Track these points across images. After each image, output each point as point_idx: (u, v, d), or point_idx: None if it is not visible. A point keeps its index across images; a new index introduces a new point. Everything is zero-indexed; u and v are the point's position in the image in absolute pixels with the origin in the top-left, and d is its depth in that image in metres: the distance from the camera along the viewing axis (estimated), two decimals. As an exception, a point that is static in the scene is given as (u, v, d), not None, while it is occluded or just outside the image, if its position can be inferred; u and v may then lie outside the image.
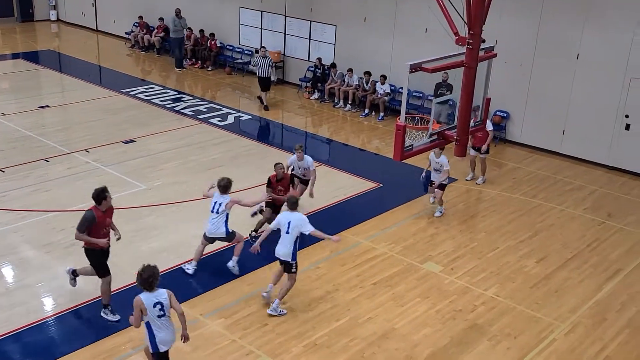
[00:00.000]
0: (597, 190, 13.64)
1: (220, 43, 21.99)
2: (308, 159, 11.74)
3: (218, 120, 16.87)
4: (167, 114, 17.21)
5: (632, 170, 14.39)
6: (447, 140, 9.10)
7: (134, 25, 24.53)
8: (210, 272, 9.97)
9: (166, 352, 7.12)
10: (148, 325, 6.92)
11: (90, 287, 9.32)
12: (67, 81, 20.30)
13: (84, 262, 9.95)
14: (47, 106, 17.34)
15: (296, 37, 19.98)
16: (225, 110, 17.76)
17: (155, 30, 23.76)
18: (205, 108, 17.88)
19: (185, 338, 7.27)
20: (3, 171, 12.88)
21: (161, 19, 23.58)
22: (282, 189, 11.04)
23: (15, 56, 22.91)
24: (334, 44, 19.04)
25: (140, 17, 24.02)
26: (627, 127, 14.29)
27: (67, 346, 8.17)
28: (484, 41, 8.61)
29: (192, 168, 13.78)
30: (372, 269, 10.22)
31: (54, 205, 11.64)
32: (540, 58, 15.16)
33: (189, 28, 21.97)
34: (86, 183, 12.55)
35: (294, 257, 8.96)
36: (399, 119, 8.73)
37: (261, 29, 20.85)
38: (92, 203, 8.50)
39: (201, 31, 22.08)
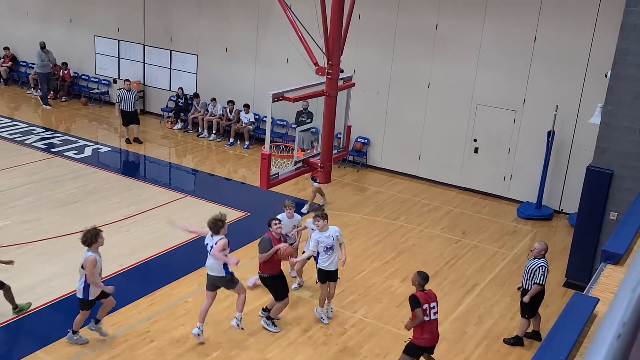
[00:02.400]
0: (452, 210, 14.49)
1: (75, 73, 21.04)
2: (297, 216, 10.51)
3: (74, 153, 16.05)
4: (16, 148, 16.11)
5: (481, 190, 15.46)
6: (311, 168, 9.28)
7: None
8: (69, 314, 9.37)
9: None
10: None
11: None
12: None
13: None
14: None
15: (156, 67, 19.58)
16: (82, 143, 16.95)
17: (2, 59, 22.27)
18: (59, 140, 16.96)
19: None
20: None
21: (6, 48, 22.16)
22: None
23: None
24: (196, 73, 18.88)
25: (7, 49, 22.42)
26: (476, 150, 15.36)
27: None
28: (342, 71, 8.93)
29: (47, 204, 12.97)
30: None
31: None
32: (395, 87, 15.97)
33: (65, 63, 20.64)
34: None
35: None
36: (263, 147, 8.80)
37: (119, 58, 20.23)
38: None
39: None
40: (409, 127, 16.01)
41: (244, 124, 17.72)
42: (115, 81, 20.35)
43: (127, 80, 17.98)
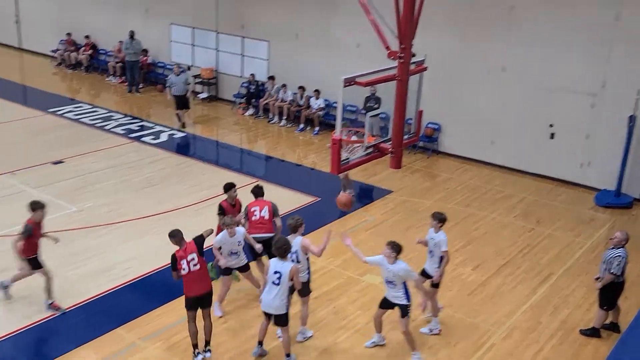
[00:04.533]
0: (526, 197, 14.10)
1: (152, 60, 21.64)
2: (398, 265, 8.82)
3: (151, 139, 16.56)
4: (97, 134, 16.76)
5: (557, 177, 14.96)
6: (382, 153, 9.22)
7: (60, 42, 23.84)
8: (147, 294, 9.72)
9: (266, 313, 8.15)
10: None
11: (19, 314, 8.92)
12: (-10, 101, 19.49)
13: (12, 289, 9.54)
14: (-32, 128, 16.61)
15: (229, 54, 19.88)
16: (158, 128, 17.46)
17: (83, 48, 23.16)
18: (137, 126, 17.52)
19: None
20: None
21: (87, 36, 23.02)
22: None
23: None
24: (267, 60, 19.06)
25: (69, 34, 23.36)
26: (552, 135, 14.86)
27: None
28: (414, 55, 8.80)
29: (125, 188, 13.45)
30: (312, 284, 10.16)
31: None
32: (468, 71, 15.62)
33: (145, 50, 21.34)
34: (12, 208, 12.04)
35: None
36: (334, 132, 8.80)
37: (193, 45, 20.65)
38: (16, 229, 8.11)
39: (131, 48, 21.66)
40: (482, 112, 15.65)
41: (313, 110, 17.79)
42: (189, 68, 20.79)
43: (177, 64, 18.57)
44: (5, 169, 13.84)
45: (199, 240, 8.27)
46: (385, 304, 8.58)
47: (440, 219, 9.05)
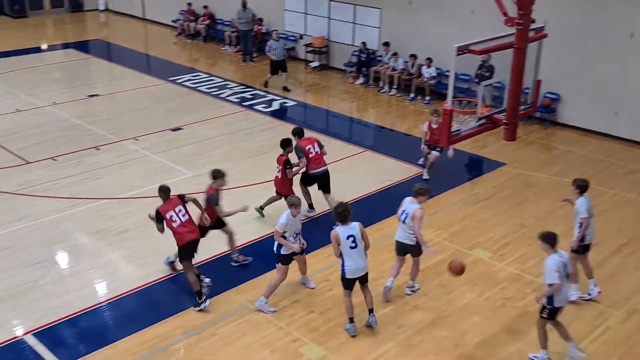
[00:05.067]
0: (654, 173, 13.16)
1: (265, 29, 21.99)
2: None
3: (263, 107, 16.92)
4: (213, 101, 17.34)
5: (691, 152, 13.83)
6: (495, 125, 8.90)
7: (180, 13, 24.74)
8: (257, 258, 10.02)
9: (351, 280, 8.16)
10: (341, 254, 7.98)
11: (139, 272, 9.51)
12: (116, 70, 20.64)
13: (134, 249, 10.17)
14: (97, 95, 17.68)
15: (340, 22, 19.81)
16: (270, 97, 17.79)
17: (201, 17, 23.90)
18: (250, 95, 17.94)
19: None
20: (55, 159, 13.18)
21: (205, 6, 23.71)
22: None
23: (65, 46, 23.42)
24: (379, 28, 18.81)
25: (189, 4, 24.15)
26: (686, 107, 13.71)
27: (118, 332, 8.35)
28: (533, 21, 8.36)
29: (239, 155, 13.86)
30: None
31: (103, 193, 11.88)
32: (592, 37, 14.64)
33: (260, 19, 21.64)
34: (134, 171, 12.79)
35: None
36: (445, 103, 8.58)
37: (305, 14, 20.75)
38: (138, 191, 8.59)
39: (245, 17, 22.08)
40: (606, 81, 14.66)
41: (425, 79, 17.41)
42: (301, 37, 20.95)
43: (275, 30, 19.13)
44: (129, 135, 14.66)
45: (182, 197, 8.89)
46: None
47: (577, 186, 8.81)
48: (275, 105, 17.11)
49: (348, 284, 8.20)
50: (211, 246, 10.00)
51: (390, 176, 12.88)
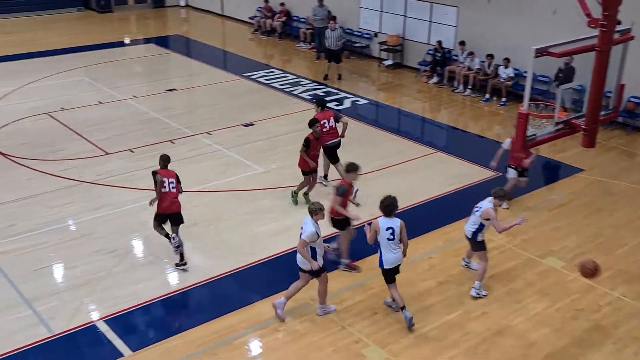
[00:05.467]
0: None
1: (340, 27, 21.95)
2: None
3: (335, 105, 16.91)
4: (285, 98, 17.49)
5: None
6: (573, 130, 8.55)
7: (257, 9, 25.07)
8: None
9: (390, 270, 8.37)
10: (378, 244, 8.29)
11: (207, 265, 9.70)
12: (193, 65, 21.13)
13: (202, 242, 10.38)
14: (174, 89, 18.16)
15: (416, 20, 19.57)
16: (342, 95, 17.77)
17: (278, 14, 24.14)
18: (322, 92, 17.98)
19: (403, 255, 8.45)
20: (132, 151, 13.62)
21: (282, 3, 23.92)
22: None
23: (147, 41, 24.17)
24: (456, 26, 18.47)
25: (266, 1, 24.43)
26: None
27: (185, 322, 8.55)
28: (619, 23, 7.96)
29: (308, 152, 13.89)
30: (488, 262, 9.85)
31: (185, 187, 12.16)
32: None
33: (334, 17, 21.02)
34: (206, 165, 13.06)
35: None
36: (521, 105, 8.31)
37: (381, 11, 20.61)
38: (209, 185, 8.74)
39: (321, 15, 22.13)
40: (698, 86, 13.85)
41: (502, 79, 16.96)
42: (376, 35, 20.83)
43: (333, 20, 19.39)
44: (203, 130, 14.97)
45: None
46: None
47: None
48: (347, 103, 17.08)
49: (389, 275, 8.42)
50: (270, 245, 10.15)
51: (461, 179, 12.63)
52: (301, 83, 18.76)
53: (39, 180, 12.28)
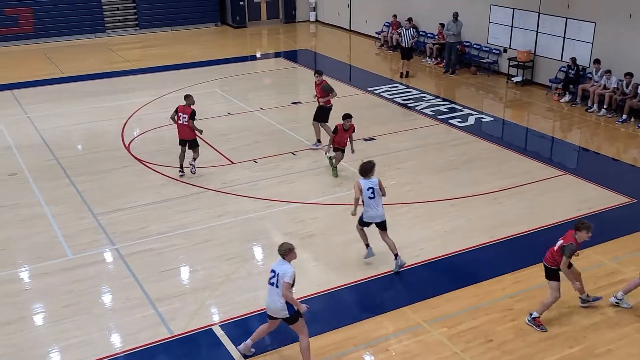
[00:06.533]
0: None
1: (467, 42, 21.54)
2: None
3: (458, 121, 16.58)
4: (408, 113, 17.38)
5: None
6: None
7: (384, 25, 25.16)
8: (436, 277, 9.84)
9: (367, 222, 9.79)
10: (363, 202, 9.59)
11: (321, 277, 9.78)
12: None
13: (318, 254, 10.50)
14: (299, 102, 18.60)
15: (549, 36, 18.77)
16: (467, 111, 17.39)
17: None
18: (446, 108, 17.69)
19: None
20: (256, 162, 14.09)
21: (410, 19, 23.84)
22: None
23: (277, 55, 25.00)
24: (592, 43, 17.50)
25: (395, 16, 24.46)
26: None
27: (296, 334, 8.64)
28: None
29: (427, 169, 13.71)
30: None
31: (295, 197, 12.43)
32: None
33: (410, 18, 21.91)
34: (325, 178, 13.24)
35: None
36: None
37: (512, 27, 19.97)
38: (326, 198, 8.79)
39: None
40: None
41: (642, 99, 15.85)
42: (505, 50, 20.21)
43: (408, 20, 21.35)
44: (325, 143, 15.13)
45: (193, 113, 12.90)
46: None
47: None
48: (471, 120, 16.67)
49: (364, 224, 9.86)
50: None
51: (590, 204, 11.90)
52: (424, 98, 18.56)
53: (170, 186, 13.01)
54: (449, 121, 16.62)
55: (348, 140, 13.07)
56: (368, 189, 9.59)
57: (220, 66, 22.67)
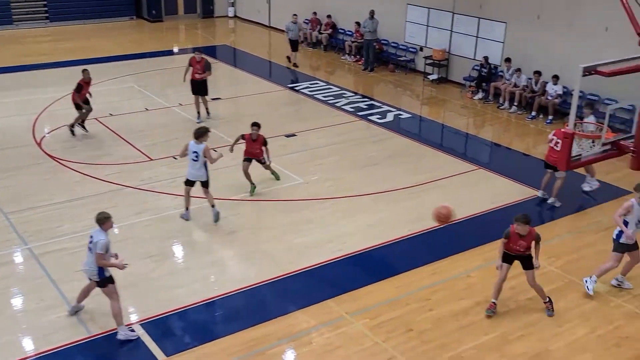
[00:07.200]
0: None
1: (384, 40, 21.95)
2: None
3: (377, 118, 16.87)
4: (328, 110, 17.52)
5: None
6: (621, 152, 8.33)
7: (304, 22, 25.24)
8: (358, 270, 9.98)
9: (190, 181, 11.19)
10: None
11: (245, 273, 9.73)
12: (239, 75, 21.39)
13: (241, 250, 10.43)
14: (219, 98, 18.39)
15: (463, 35, 19.41)
16: (386, 108, 17.72)
17: (323, 26, 24.27)
18: (365, 105, 17.97)
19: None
20: (175, 158, 13.80)
21: (329, 16, 24.05)
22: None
23: (195, 50, 24.46)
24: (503, 42, 18.24)
25: (314, 13, 24.58)
26: None
27: (220, 330, 8.59)
28: (672, 43, 7.75)
29: (348, 165, 13.89)
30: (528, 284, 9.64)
31: (217, 194, 12.25)
32: None
33: (295, 14, 22.48)
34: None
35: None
36: (567, 125, 8.14)
37: (427, 26, 20.52)
38: (248, 194, 8.73)
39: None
40: None
41: (550, 97, 16.65)
42: (422, 49, 20.73)
43: (295, 15, 22.23)
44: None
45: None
46: None
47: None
48: (390, 117, 17.00)
49: (187, 182, 11.19)
50: (309, 256, 10.14)
51: (503, 197, 12.41)
52: (344, 95, 18.78)
53: (86, 184, 12.56)
54: (369, 118, 16.89)
55: (263, 151, 12.39)
56: (193, 152, 10.93)
57: (136, 61, 22.07)
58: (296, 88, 19.39)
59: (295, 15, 22.25)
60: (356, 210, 11.81)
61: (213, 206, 11.19)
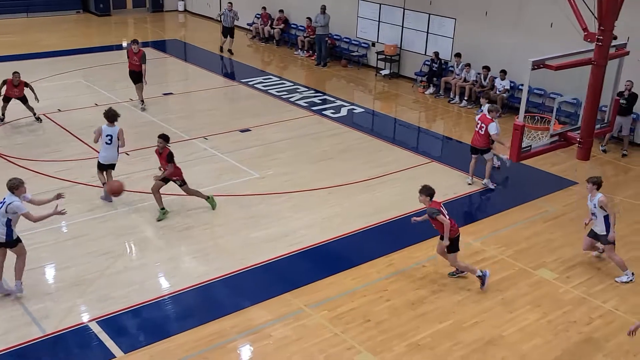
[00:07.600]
0: None
1: (337, 36, 22.09)
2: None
3: (331, 112, 16.97)
4: (282, 105, 17.53)
5: None
6: (568, 142, 8.63)
7: (255, 16, 25.16)
8: (315, 264, 10.06)
9: (101, 164, 11.43)
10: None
11: (200, 269, 9.69)
12: (191, 70, 21.17)
13: (196, 246, 10.37)
14: (171, 93, 18.18)
15: (413, 31, 19.69)
16: (339, 103, 17.84)
17: (275, 21, 24.23)
18: (319, 100, 18.05)
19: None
20: (128, 154, 13.60)
21: (281, 10, 24.03)
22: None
23: (144, 45, 24.14)
24: (453, 38, 18.59)
25: (264, 8, 24.53)
26: None
27: (177, 326, 8.53)
28: (615, 38, 8.06)
29: (304, 159, 13.94)
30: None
31: (170, 190, 12.15)
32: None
33: (230, 2, 22.87)
34: (203, 169, 13.06)
35: None
36: (517, 117, 8.39)
37: (379, 21, 20.72)
38: (204, 190, 8.70)
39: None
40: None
41: (498, 92, 17.07)
42: (373, 44, 20.94)
43: (230, 2, 22.67)
44: (200, 134, 15.00)
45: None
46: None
47: (594, 182, 9.64)
48: (343, 112, 17.14)
49: (100, 166, 11.36)
50: (266, 251, 10.16)
51: (455, 189, 12.68)
52: (298, 90, 18.81)
53: (35, 181, 12.23)
54: (323, 112, 16.98)
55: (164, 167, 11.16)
56: (107, 135, 11.12)
57: (84, 55, 21.60)
58: (249, 83, 19.30)
59: (230, 3, 22.71)
60: (312, 204, 11.88)
61: (104, 184, 11.33)
